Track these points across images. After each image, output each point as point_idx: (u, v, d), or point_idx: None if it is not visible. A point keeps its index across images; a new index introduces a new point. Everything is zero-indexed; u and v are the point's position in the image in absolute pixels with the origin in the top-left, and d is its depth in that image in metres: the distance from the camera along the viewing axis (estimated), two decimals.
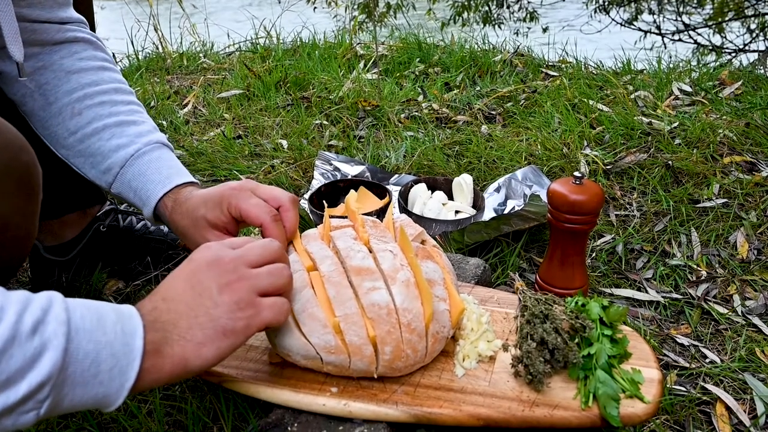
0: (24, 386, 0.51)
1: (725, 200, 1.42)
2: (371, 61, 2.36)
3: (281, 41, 2.70)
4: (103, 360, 0.56)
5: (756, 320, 1.10)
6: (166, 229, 1.27)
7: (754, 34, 4.16)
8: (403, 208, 1.33)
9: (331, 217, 0.96)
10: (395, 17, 4.66)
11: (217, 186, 0.88)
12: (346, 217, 0.98)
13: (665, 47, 4.11)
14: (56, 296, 0.56)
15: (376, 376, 0.78)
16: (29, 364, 0.52)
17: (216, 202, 0.85)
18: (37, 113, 0.92)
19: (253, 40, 2.75)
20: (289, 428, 0.76)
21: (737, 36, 4.19)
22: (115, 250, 1.23)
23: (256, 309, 0.67)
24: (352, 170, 1.57)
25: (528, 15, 5.02)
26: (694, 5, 4.54)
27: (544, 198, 1.25)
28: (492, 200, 1.43)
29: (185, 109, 2.04)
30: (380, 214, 1.28)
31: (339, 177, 1.53)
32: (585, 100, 1.90)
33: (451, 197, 1.41)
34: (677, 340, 1.07)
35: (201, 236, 0.86)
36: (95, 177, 0.93)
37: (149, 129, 0.94)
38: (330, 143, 1.77)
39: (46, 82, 0.91)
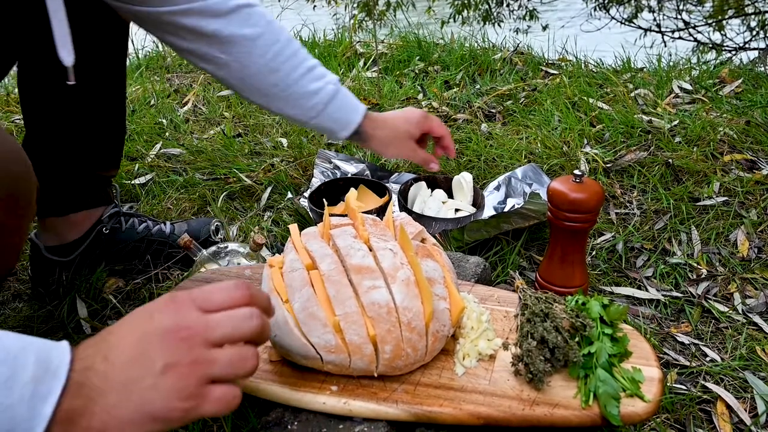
0: None
1: (725, 198, 1.42)
2: (371, 60, 2.36)
3: None
4: None
5: (756, 318, 1.10)
6: (167, 230, 1.27)
7: (754, 32, 4.15)
8: (403, 207, 1.33)
9: (331, 215, 0.96)
10: (395, 15, 4.65)
11: (398, 113, 1.29)
12: (346, 216, 0.98)
13: (665, 45, 4.11)
14: None
15: (376, 375, 0.78)
16: None
17: (415, 123, 1.27)
18: (236, 74, 1.11)
19: None
20: (289, 427, 0.76)
21: (737, 34, 4.18)
22: (117, 252, 1.24)
23: (198, 401, 0.57)
24: (351, 168, 1.57)
25: (528, 13, 5.01)
26: (693, 3, 4.53)
27: (544, 196, 1.25)
28: (492, 198, 1.43)
29: (185, 108, 2.04)
30: (380, 212, 1.28)
31: (339, 175, 1.53)
32: (585, 98, 1.89)
33: (450, 195, 1.41)
34: (677, 338, 1.07)
35: (401, 145, 1.27)
36: (297, 114, 1.16)
37: (325, 69, 1.18)
38: (330, 141, 1.77)
39: (238, 52, 1.08)
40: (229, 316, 0.60)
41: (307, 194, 1.43)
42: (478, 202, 1.36)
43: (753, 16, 4.22)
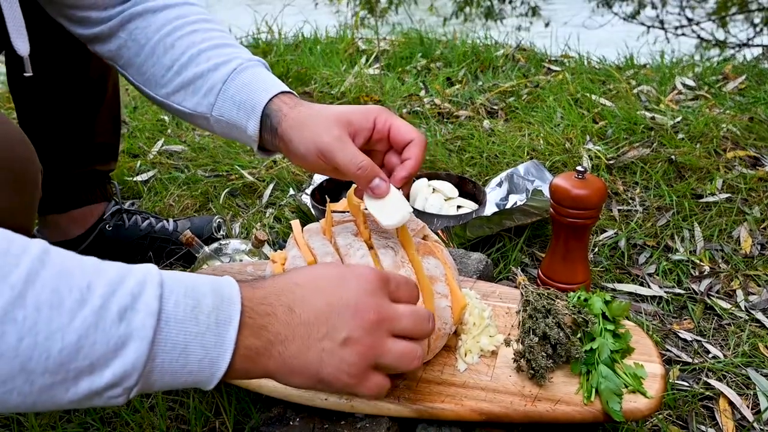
0: (108, 373, 0.49)
1: (728, 195, 1.42)
2: (373, 56, 2.36)
3: (283, 36, 2.69)
4: (192, 351, 0.53)
5: (759, 315, 1.10)
6: (170, 227, 1.27)
7: (757, 29, 4.14)
8: None
9: (333, 212, 0.95)
10: (396, 12, 4.65)
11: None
12: (348, 212, 0.97)
13: (668, 42, 4.10)
14: (152, 278, 0.53)
15: None
16: (113, 352, 0.49)
17: (362, 112, 0.77)
18: (133, 61, 0.89)
19: (255, 36, 2.74)
20: (291, 423, 0.76)
21: (741, 30, 4.17)
22: (120, 249, 1.24)
23: (359, 381, 0.61)
24: None
25: (530, 10, 5.01)
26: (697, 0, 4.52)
27: (546, 193, 1.24)
28: (494, 195, 1.43)
29: None
30: None
31: None
32: (587, 94, 1.89)
33: (460, 194, 1.40)
34: (680, 335, 1.06)
35: (319, 129, 0.75)
36: (196, 105, 0.85)
37: (245, 51, 0.88)
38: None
39: (136, 28, 0.88)
40: (413, 313, 0.64)
41: (309, 191, 1.43)
42: (480, 199, 1.35)
43: (756, 13, 4.21)
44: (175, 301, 0.53)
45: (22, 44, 0.81)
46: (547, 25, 4.74)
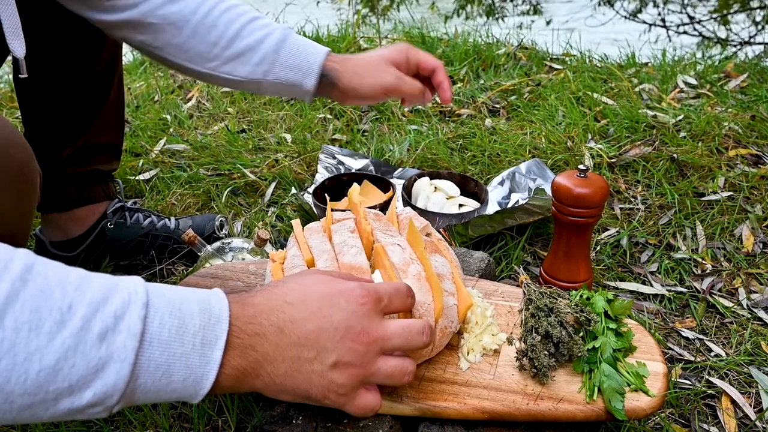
0: (88, 394, 0.50)
1: (730, 193, 1.42)
2: None
3: None
4: (175, 371, 0.53)
5: (761, 313, 1.10)
6: (172, 225, 1.27)
7: (759, 27, 4.13)
8: (407, 202, 1.33)
9: (334, 210, 0.96)
10: (398, 10, 4.65)
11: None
12: (349, 211, 0.97)
13: (670, 40, 4.09)
14: (137, 298, 0.52)
15: None
16: (93, 374, 0.49)
17: (398, 51, 1.04)
18: (171, 42, 0.99)
19: None
20: (294, 421, 0.76)
21: (742, 28, 4.16)
22: (122, 247, 1.24)
23: (348, 400, 0.62)
24: (355, 164, 1.57)
25: (532, 8, 5.00)
26: None
27: (548, 191, 1.24)
28: (496, 194, 1.43)
29: (189, 103, 2.04)
30: (384, 207, 1.28)
31: (343, 171, 1.53)
32: (589, 93, 1.89)
33: (463, 192, 1.40)
34: (682, 333, 1.07)
35: (378, 73, 1.02)
36: (248, 73, 1.01)
37: (273, 21, 1.04)
38: (334, 137, 1.77)
39: (170, 13, 0.97)
40: (405, 329, 0.64)
41: (311, 190, 1.43)
42: (482, 198, 1.35)
43: (758, 11, 4.20)
44: (160, 322, 0.53)
45: (18, 46, 0.81)
46: (548, 23, 4.74)
